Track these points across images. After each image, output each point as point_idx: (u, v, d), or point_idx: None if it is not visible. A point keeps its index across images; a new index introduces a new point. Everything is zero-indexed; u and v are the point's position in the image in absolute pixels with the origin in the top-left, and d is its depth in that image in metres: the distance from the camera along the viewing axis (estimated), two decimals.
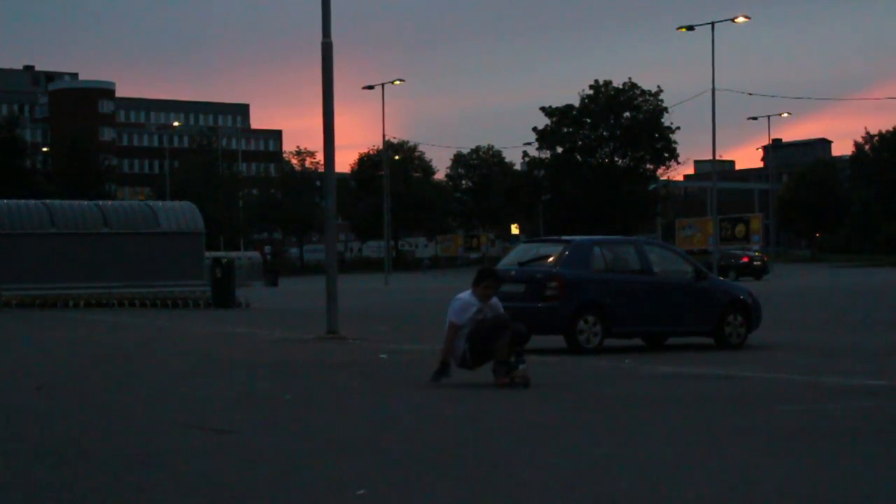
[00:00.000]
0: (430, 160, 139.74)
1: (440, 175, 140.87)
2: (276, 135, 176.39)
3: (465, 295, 14.60)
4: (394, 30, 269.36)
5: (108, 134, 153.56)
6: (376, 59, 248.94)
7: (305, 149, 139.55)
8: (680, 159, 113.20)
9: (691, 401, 12.94)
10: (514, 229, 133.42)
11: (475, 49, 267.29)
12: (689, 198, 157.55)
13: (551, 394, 13.75)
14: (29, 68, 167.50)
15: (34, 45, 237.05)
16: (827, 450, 9.52)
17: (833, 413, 11.80)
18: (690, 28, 67.82)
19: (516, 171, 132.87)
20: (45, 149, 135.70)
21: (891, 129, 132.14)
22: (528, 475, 8.38)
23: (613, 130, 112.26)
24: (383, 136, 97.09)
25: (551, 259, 20.16)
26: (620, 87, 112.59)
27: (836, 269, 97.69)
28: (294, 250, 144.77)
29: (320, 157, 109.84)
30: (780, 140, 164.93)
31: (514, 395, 13.62)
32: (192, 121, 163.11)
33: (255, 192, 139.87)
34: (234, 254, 75.27)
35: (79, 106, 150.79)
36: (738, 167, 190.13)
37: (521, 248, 22.54)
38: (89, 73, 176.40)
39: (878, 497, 7.77)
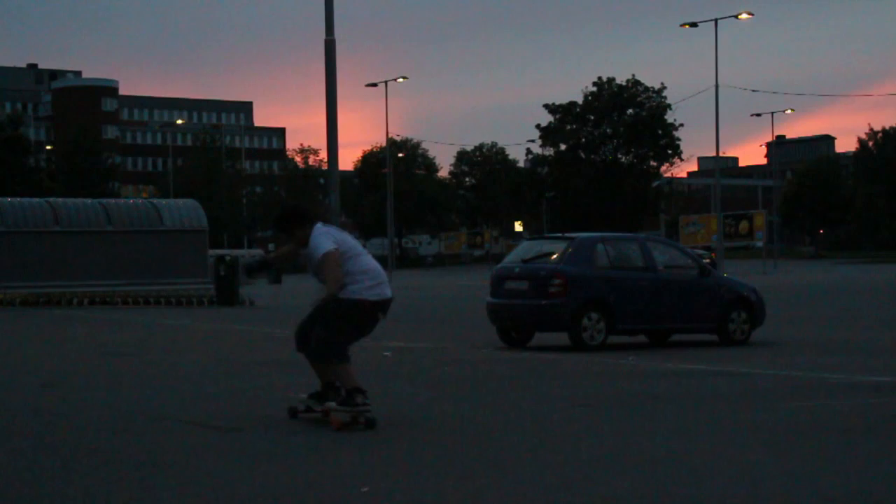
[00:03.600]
0: (434, 157, 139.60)
1: (444, 172, 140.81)
2: (280, 132, 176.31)
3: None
4: (397, 27, 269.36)
5: (111, 132, 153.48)
6: (379, 57, 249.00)
7: (309, 146, 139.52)
8: (683, 156, 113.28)
9: (695, 398, 12.94)
10: (518, 226, 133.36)
11: (478, 46, 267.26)
12: (692, 195, 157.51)
13: (554, 391, 13.75)
14: (32, 66, 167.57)
15: (37, 43, 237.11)
16: (832, 446, 9.51)
17: (838, 410, 11.80)
18: (694, 25, 67.77)
19: (520, 168, 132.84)
20: (48, 147, 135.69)
21: (895, 125, 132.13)
22: (531, 473, 8.38)
23: (617, 127, 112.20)
24: (387, 133, 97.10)
25: (555, 256, 20.16)
26: (624, 83, 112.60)
27: (828, 266, 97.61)
28: None
29: (324, 154, 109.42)
30: (783, 137, 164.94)
31: (517, 393, 13.62)
32: (195, 119, 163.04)
33: (258, 189, 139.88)
34: (237, 251, 75.30)
35: (82, 104, 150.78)
36: (741, 164, 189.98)
37: (525, 245, 22.54)
38: (93, 72, 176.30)
39: (884, 494, 7.76)
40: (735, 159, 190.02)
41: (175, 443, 9.99)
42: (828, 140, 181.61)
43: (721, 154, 71.61)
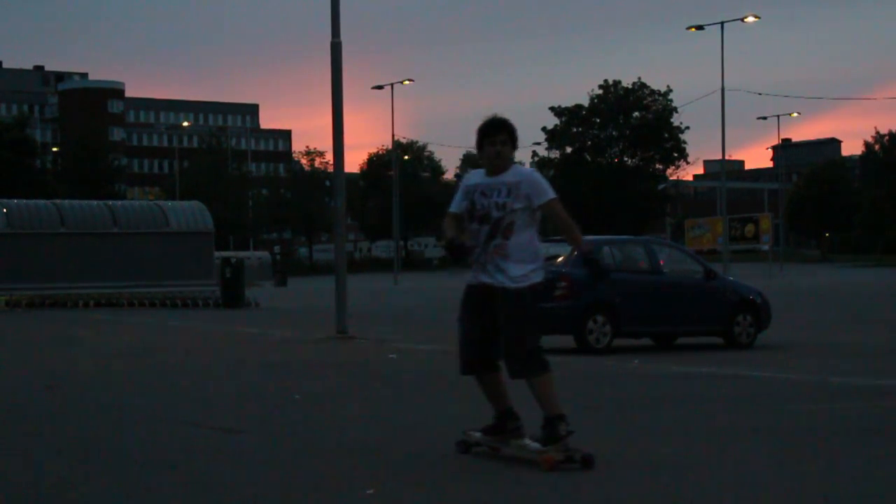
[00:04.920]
0: (440, 160, 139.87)
1: (449, 175, 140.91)
2: (286, 135, 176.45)
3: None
4: (403, 30, 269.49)
5: (117, 134, 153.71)
6: (385, 59, 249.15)
7: (315, 149, 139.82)
8: (689, 159, 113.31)
9: (700, 401, 12.93)
10: None
11: (484, 49, 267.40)
12: (698, 197, 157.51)
13: (559, 393, 13.72)
14: (39, 68, 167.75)
15: (44, 45, 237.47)
16: (835, 449, 9.50)
17: (841, 413, 11.79)
18: (700, 28, 67.84)
19: None
20: (54, 149, 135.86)
21: None
22: (535, 475, 8.38)
23: (623, 130, 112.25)
24: (392, 135, 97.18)
25: (560, 259, 20.15)
26: (630, 86, 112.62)
27: (834, 269, 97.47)
28: (303, 250, 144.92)
29: (330, 156, 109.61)
30: (789, 140, 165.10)
31: (521, 395, 13.61)
32: (201, 121, 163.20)
33: (264, 191, 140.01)
34: (243, 253, 75.36)
35: (88, 106, 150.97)
36: (747, 167, 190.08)
37: None
38: (99, 73, 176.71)
39: (887, 497, 7.75)
40: (741, 162, 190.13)
41: (179, 444, 9.99)
42: (834, 143, 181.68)
43: (727, 157, 71.59)
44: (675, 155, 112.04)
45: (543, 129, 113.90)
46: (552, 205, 8.67)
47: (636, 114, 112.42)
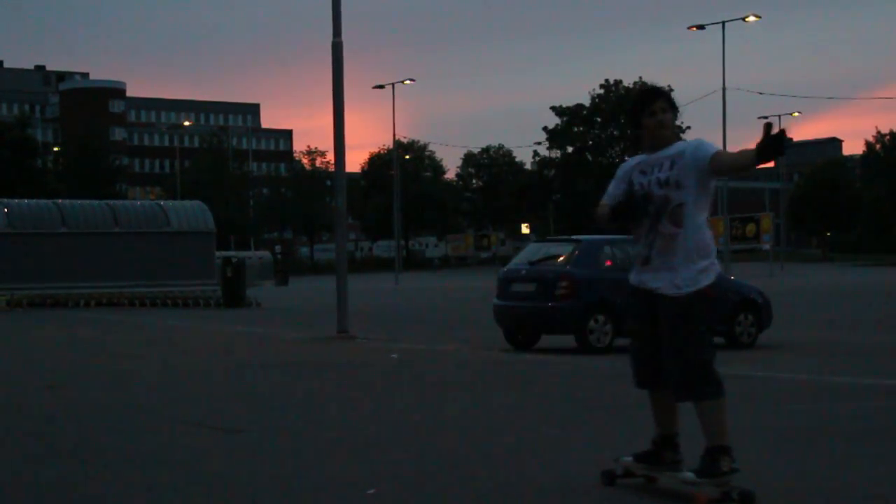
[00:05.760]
0: (441, 160, 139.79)
1: (450, 174, 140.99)
2: (287, 134, 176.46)
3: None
4: (404, 29, 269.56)
5: (118, 133, 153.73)
6: (386, 59, 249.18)
7: (316, 148, 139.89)
8: None
9: None
10: (525, 229, 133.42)
11: (485, 48, 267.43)
12: None
13: (561, 394, 13.74)
14: (40, 68, 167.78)
15: (45, 44, 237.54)
16: (836, 450, 9.49)
17: (843, 413, 11.78)
18: (701, 27, 67.81)
19: (526, 170, 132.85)
20: (55, 148, 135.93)
21: None
22: (538, 476, 8.37)
23: (624, 130, 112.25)
24: (394, 135, 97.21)
25: (562, 258, 20.16)
26: (631, 86, 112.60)
27: (835, 269, 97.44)
28: (304, 249, 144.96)
29: (331, 156, 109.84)
30: (790, 139, 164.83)
31: (521, 396, 13.60)
32: (202, 120, 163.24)
33: (265, 191, 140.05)
34: (244, 253, 75.37)
35: (89, 105, 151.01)
36: None
37: (532, 247, 22.54)
38: (100, 73, 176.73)
39: (888, 497, 7.75)
40: None
41: (180, 444, 9.99)
42: (835, 143, 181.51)
43: None
44: None
45: (544, 128, 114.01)
46: (719, 156, 7.30)
47: None
